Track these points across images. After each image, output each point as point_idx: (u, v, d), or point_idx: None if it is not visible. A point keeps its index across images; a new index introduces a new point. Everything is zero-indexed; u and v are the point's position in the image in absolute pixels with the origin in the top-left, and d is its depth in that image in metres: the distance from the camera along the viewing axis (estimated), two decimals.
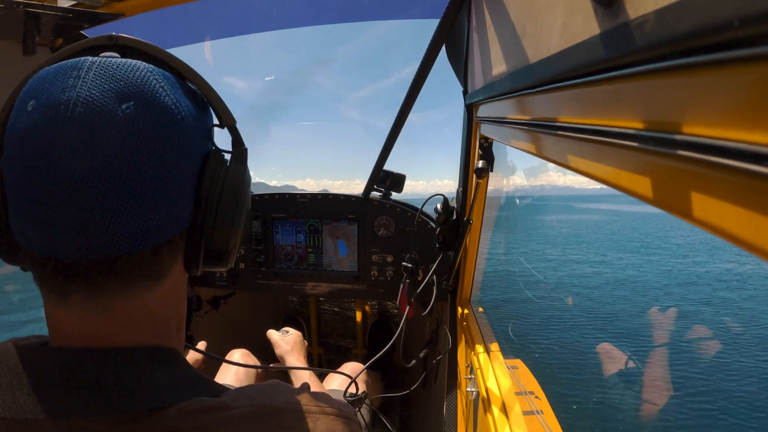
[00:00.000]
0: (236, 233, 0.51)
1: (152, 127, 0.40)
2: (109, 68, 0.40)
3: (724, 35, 0.22)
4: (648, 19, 0.29)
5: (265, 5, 1.48)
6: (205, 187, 0.46)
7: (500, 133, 0.93)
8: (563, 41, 0.47)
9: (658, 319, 9.03)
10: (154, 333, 0.47)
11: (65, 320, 0.43)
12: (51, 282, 0.42)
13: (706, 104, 0.25)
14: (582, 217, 63.02)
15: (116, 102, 0.38)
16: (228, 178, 0.49)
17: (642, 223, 54.70)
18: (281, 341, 1.45)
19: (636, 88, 0.34)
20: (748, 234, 0.23)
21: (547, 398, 1.19)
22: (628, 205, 76.15)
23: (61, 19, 1.11)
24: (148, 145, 0.39)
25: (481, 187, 1.40)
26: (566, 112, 0.50)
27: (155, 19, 1.29)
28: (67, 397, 0.39)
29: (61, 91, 0.38)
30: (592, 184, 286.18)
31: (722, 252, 23.52)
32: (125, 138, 0.38)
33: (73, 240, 0.38)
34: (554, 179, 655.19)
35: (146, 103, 0.40)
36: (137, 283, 0.43)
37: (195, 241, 0.47)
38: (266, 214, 1.96)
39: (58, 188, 0.37)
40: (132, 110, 0.39)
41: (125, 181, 0.38)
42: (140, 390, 0.42)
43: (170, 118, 0.42)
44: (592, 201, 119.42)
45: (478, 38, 1.06)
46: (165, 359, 0.47)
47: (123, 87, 0.39)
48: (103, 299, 0.42)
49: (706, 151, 0.25)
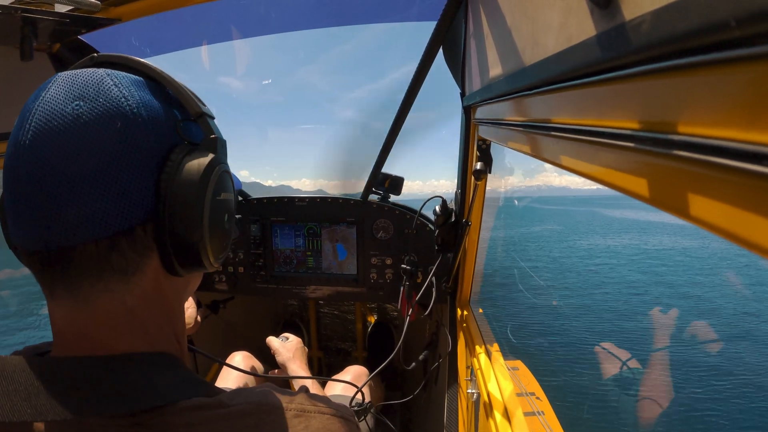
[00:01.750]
0: (199, 225, 0.49)
1: (97, 121, 0.43)
2: (71, 77, 0.45)
3: (721, 35, 0.22)
4: (644, 20, 0.29)
5: (262, 9, 1.48)
6: (163, 177, 0.46)
7: (498, 134, 0.93)
8: (560, 42, 0.47)
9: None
10: (145, 337, 0.49)
11: (57, 315, 0.46)
12: (39, 277, 0.45)
13: (703, 104, 0.25)
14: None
15: (68, 102, 0.42)
16: (185, 167, 0.48)
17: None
18: (282, 348, 1.44)
19: (633, 88, 0.34)
20: (745, 231, 0.23)
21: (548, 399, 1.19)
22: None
23: (58, 24, 1.11)
24: (92, 138, 0.42)
25: (479, 188, 1.40)
26: (564, 114, 0.51)
27: (152, 24, 1.30)
28: (64, 400, 0.40)
29: (32, 101, 0.43)
30: (587, 185, 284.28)
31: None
32: (71, 133, 0.41)
33: (36, 231, 0.42)
34: (551, 180, 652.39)
35: (93, 100, 0.43)
36: (105, 276, 0.45)
37: (162, 236, 0.47)
38: (265, 217, 1.96)
39: (22, 183, 0.41)
40: (80, 107, 0.42)
41: (71, 172, 0.41)
42: (138, 392, 0.43)
43: (118, 111, 0.44)
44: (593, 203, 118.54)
45: (475, 40, 1.06)
46: (164, 364, 0.48)
47: (77, 90, 0.43)
48: (78, 292, 0.44)
49: (703, 151, 0.25)
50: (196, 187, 0.48)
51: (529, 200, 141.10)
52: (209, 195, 0.50)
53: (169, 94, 0.51)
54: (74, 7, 1.07)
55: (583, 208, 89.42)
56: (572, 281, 15.67)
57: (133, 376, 0.44)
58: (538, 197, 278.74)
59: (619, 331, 9.54)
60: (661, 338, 5.08)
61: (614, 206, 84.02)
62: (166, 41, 1.56)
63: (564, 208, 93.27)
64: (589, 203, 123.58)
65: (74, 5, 1.06)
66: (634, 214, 60.07)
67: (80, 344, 0.45)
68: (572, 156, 0.49)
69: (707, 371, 7.14)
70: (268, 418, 0.48)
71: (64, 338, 0.46)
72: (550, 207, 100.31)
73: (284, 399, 0.52)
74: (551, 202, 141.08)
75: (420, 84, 1.50)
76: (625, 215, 60.82)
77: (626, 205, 71.67)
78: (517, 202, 65.88)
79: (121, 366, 0.45)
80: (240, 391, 0.51)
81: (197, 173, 0.48)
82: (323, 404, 0.54)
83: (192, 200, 0.48)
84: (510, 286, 11.37)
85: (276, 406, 0.50)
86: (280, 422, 0.49)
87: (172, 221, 0.47)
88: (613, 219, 57.03)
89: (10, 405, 0.38)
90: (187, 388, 0.47)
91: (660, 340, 5.02)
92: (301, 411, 0.51)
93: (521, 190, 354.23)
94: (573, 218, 60.17)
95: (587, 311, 11.31)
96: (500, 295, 10.11)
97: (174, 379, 0.47)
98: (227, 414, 0.46)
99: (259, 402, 0.49)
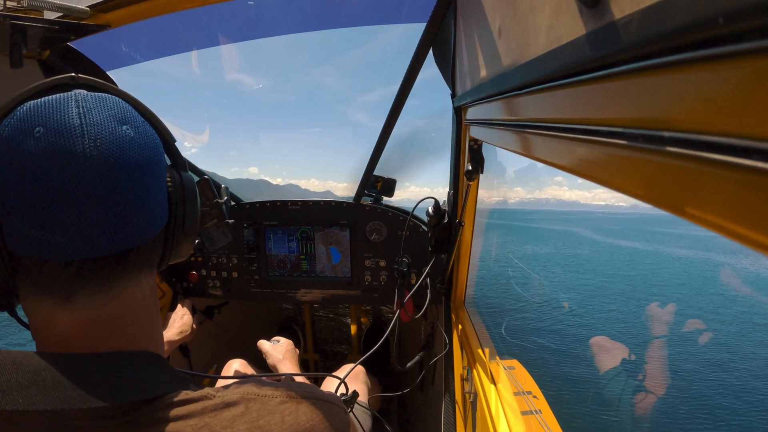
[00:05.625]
0: (197, 225, 0.62)
1: (144, 143, 0.50)
2: (100, 100, 0.49)
3: (709, 32, 0.22)
4: (633, 18, 0.29)
5: (251, 14, 1.48)
6: (172, 190, 0.57)
7: (489, 134, 0.94)
8: (550, 42, 0.48)
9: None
10: (147, 330, 0.54)
11: (66, 322, 0.48)
12: (60, 286, 0.46)
13: (693, 101, 0.25)
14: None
15: (118, 126, 0.48)
16: (185, 182, 0.60)
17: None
18: (272, 351, 1.46)
19: (622, 86, 0.34)
20: (737, 226, 0.23)
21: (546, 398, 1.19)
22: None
23: (47, 31, 1.10)
24: (145, 157, 0.49)
25: (471, 189, 1.40)
26: (554, 112, 0.51)
27: (141, 30, 1.29)
28: (58, 393, 0.42)
29: (68, 117, 0.45)
30: (596, 200, 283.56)
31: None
32: (132, 151, 0.48)
33: (104, 237, 0.46)
34: (559, 193, 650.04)
35: (136, 126, 0.50)
36: (143, 271, 0.53)
37: (170, 234, 0.57)
38: (258, 222, 1.95)
39: (88, 194, 0.44)
40: (130, 131, 0.49)
41: (137, 183, 0.48)
42: (129, 385, 0.46)
43: (151, 136, 0.53)
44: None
45: (464, 41, 1.07)
46: (152, 361, 0.52)
47: (117, 114, 0.49)
48: (111, 289, 0.49)
49: (692, 147, 0.25)
50: (196, 196, 0.62)
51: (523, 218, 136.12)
52: (200, 201, 0.66)
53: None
54: (63, 14, 1.07)
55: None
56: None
57: (125, 370, 0.48)
58: (537, 211, 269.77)
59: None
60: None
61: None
62: (155, 47, 1.55)
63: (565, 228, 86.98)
64: (599, 221, 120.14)
65: (63, 12, 1.06)
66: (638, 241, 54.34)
67: (83, 342, 0.48)
68: (564, 154, 0.49)
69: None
70: (254, 405, 0.51)
71: (63, 340, 0.48)
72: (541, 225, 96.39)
73: (269, 388, 0.55)
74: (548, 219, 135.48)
75: (410, 86, 1.50)
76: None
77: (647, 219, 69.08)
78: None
79: (117, 363, 0.48)
80: (226, 385, 0.55)
81: (193, 186, 0.62)
82: (308, 390, 0.57)
83: (195, 206, 0.61)
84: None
85: (261, 395, 0.53)
86: (265, 409, 0.51)
87: (182, 222, 0.58)
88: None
89: (10, 398, 0.41)
90: (174, 384, 0.51)
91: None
92: (287, 397, 0.54)
93: (531, 203, 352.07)
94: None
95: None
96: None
97: (158, 375, 0.51)
98: (213, 405, 0.49)
99: (244, 391, 0.52)
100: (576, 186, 66.23)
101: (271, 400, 0.53)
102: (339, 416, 0.57)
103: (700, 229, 0.30)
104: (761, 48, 0.20)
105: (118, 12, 1.15)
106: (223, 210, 1.34)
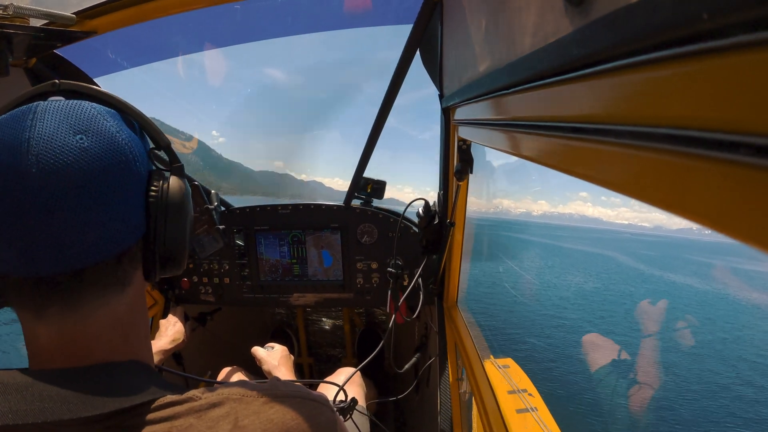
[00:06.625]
0: (184, 237, 0.58)
1: (102, 153, 0.47)
2: (60, 109, 0.48)
3: (693, 28, 0.22)
4: (618, 16, 0.29)
5: (237, 17, 1.47)
6: (152, 200, 0.53)
7: (478, 134, 0.94)
8: (536, 41, 0.48)
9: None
10: (125, 344, 0.53)
11: (44, 335, 0.48)
12: (29, 300, 0.47)
13: (679, 96, 0.25)
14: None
15: (70, 136, 0.45)
16: (170, 190, 0.56)
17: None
18: (268, 357, 1.45)
19: (610, 83, 0.35)
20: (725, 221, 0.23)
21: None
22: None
23: (33, 39, 1.09)
24: (99, 170, 0.46)
25: (461, 189, 1.41)
26: (542, 111, 0.51)
27: (128, 36, 1.28)
28: (45, 405, 0.42)
29: (20, 131, 0.44)
30: (619, 218, 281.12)
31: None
32: (79, 166, 0.45)
33: (50, 256, 0.44)
34: (583, 209, 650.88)
35: (94, 134, 0.47)
36: (108, 290, 0.50)
37: (150, 249, 0.54)
38: (248, 227, 1.94)
39: (31, 211, 0.43)
40: (85, 141, 0.46)
41: (85, 200, 0.45)
42: (114, 393, 0.46)
43: (116, 144, 0.49)
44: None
45: (451, 41, 1.07)
46: (140, 370, 0.53)
47: (75, 124, 0.47)
48: (80, 308, 0.48)
49: (682, 143, 0.25)
50: (183, 207, 0.57)
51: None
52: (189, 213, 0.59)
53: (134, 124, 0.56)
54: (49, 21, 1.06)
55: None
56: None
57: (112, 381, 0.48)
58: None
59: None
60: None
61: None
62: (142, 53, 1.54)
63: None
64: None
65: (49, 19, 1.05)
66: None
67: (64, 357, 0.48)
68: (551, 152, 0.49)
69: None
70: (238, 406, 0.51)
71: (46, 354, 0.49)
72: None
73: (255, 387, 0.54)
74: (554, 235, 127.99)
75: (398, 87, 1.51)
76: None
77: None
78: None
79: (94, 374, 0.48)
80: (211, 387, 0.54)
81: (180, 195, 0.57)
82: (294, 390, 0.57)
83: (179, 218, 0.56)
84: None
85: (246, 395, 0.53)
86: (250, 409, 0.51)
87: (164, 236, 0.54)
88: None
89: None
90: (159, 389, 0.50)
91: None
92: (273, 396, 0.54)
93: (554, 216, 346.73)
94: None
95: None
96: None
97: (146, 383, 0.50)
98: (198, 406, 0.49)
99: (229, 392, 0.52)
100: (599, 203, 64.91)
101: (256, 399, 0.52)
102: (325, 415, 0.57)
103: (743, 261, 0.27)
104: (745, 43, 0.20)
105: (104, 18, 1.14)
106: (214, 216, 1.33)
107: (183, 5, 1.17)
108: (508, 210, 40.88)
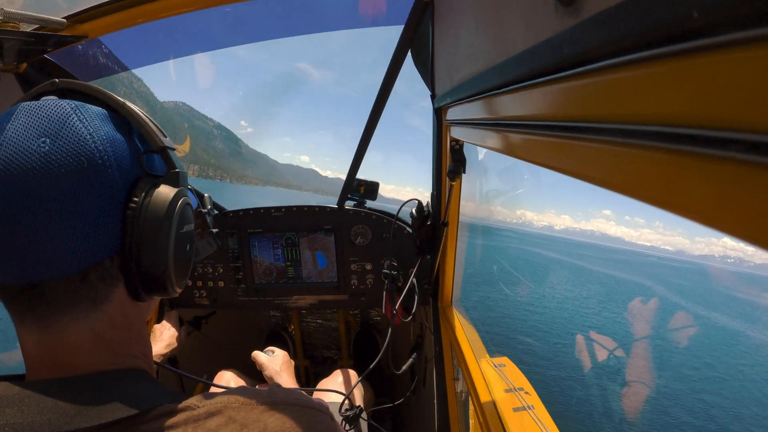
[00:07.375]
0: (165, 257, 0.52)
1: (64, 158, 0.43)
2: (37, 109, 0.45)
3: (684, 26, 0.22)
4: (608, 15, 0.29)
5: (230, 20, 1.47)
6: (129, 212, 0.48)
7: (470, 134, 0.94)
8: (527, 40, 0.48)
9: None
10: (113, 357, 0.51)
11: (28, 342, 0.47)
12: (9, 305, 0.46)
13: (672, 94, 0.26)
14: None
15: (33, 139, 0.43)
16: (152, 202, 0.50)
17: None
18: (270, 363, 1.42)
19: (601, 82, 0.35)
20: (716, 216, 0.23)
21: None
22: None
23: (24, 43, 1.08)
24: (59, 177, 0.42)
25: (455, 189, 1.41)
26: (534, 110, 0.51)
27: (118, 40, 1.28)
28: (42, 417, 0.41)
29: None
30: (642, 239, 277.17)
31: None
32: (38, 172, 0.42)
33: (9, 266, 0.43)
34: (605, 227, 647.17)
35: (59, 138, 0.44)
36: (76, 307, 0.47)
37: (128, 267, 0.50)
38: (242, 230, 1.93)
39: None
40: (46, 145, 0.43)
41: (41, 209, 0.42)
42: (110, 403, 0.45)
43: (83, 148, 0.44)
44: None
45: (442, 42, 1.07)
46: (134, 379, 0.51)
47: (42, 126, 0.44)
48: (49, 322, 0.46)
49: (675, 140, 0.25)
50: (163, 223, 0.51)
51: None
52: (174, 229, 0.54)
53: (130, 125, 0.53)
54: (40, 25, 1.05)
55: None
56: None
57: (101, 392, 0.46)
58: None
59: None
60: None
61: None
62: (133, 56, 1.53)
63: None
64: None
65: (39, 24, 1.04)
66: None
67: (50, 368, 0.47)
68: (544, 152, 0.49)
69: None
70: (238, 414, 0.49)
71: (35, 362, 0.48)
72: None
73: (254, 395, 0.53)
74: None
75: (390, 88, 1.51)
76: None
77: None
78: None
79: (89, 384, 0.46)
80: (209, 394, 0.52)
81: (163, 209, 0.51)
82: (293, 397, 0.55)
83: (159, 235, 0.50)
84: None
85: (245, 403, 0.51)
86: (249, 417, 0.49)
87: (140, 254, 0.49)
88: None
89: None
90: (157, 398, 0.48)
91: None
92: (272, 404, 0.52)
93: (576, 233, 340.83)
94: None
95: None
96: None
97: (143, 391, 0.49)
98: (196, 415, 0.47)
99: (228, 400, 0.50)
100: (623, 222, 64.39)
101: (255, 408, 0.51)
102: (324, 423, 0.55)
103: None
104: (736, 40, 0.20)
105: (94, 23, 1.14)
106: (207, 219, 1.33)
107: (173, 8, 1.17)
108: (530, 222, 40.42)
